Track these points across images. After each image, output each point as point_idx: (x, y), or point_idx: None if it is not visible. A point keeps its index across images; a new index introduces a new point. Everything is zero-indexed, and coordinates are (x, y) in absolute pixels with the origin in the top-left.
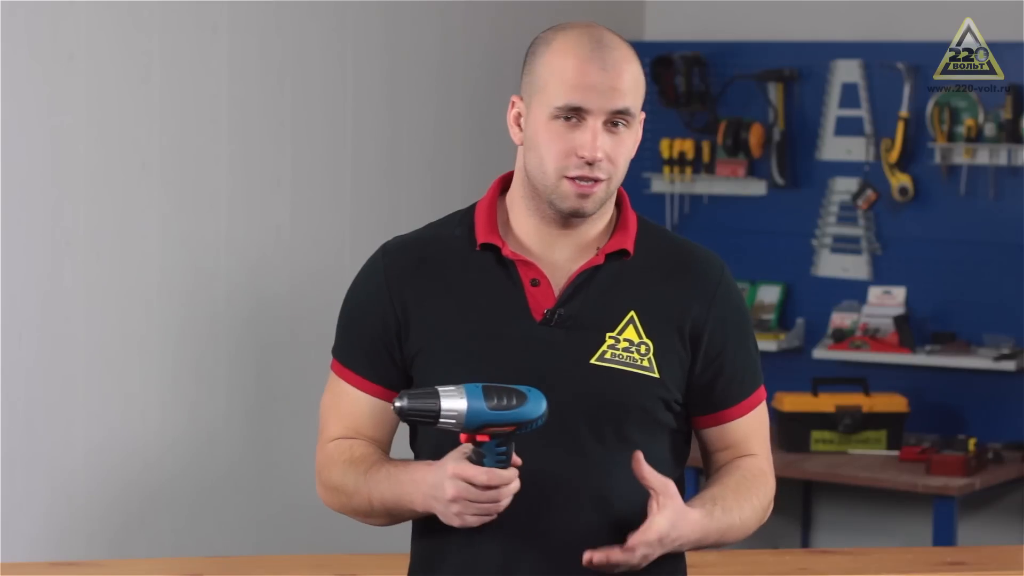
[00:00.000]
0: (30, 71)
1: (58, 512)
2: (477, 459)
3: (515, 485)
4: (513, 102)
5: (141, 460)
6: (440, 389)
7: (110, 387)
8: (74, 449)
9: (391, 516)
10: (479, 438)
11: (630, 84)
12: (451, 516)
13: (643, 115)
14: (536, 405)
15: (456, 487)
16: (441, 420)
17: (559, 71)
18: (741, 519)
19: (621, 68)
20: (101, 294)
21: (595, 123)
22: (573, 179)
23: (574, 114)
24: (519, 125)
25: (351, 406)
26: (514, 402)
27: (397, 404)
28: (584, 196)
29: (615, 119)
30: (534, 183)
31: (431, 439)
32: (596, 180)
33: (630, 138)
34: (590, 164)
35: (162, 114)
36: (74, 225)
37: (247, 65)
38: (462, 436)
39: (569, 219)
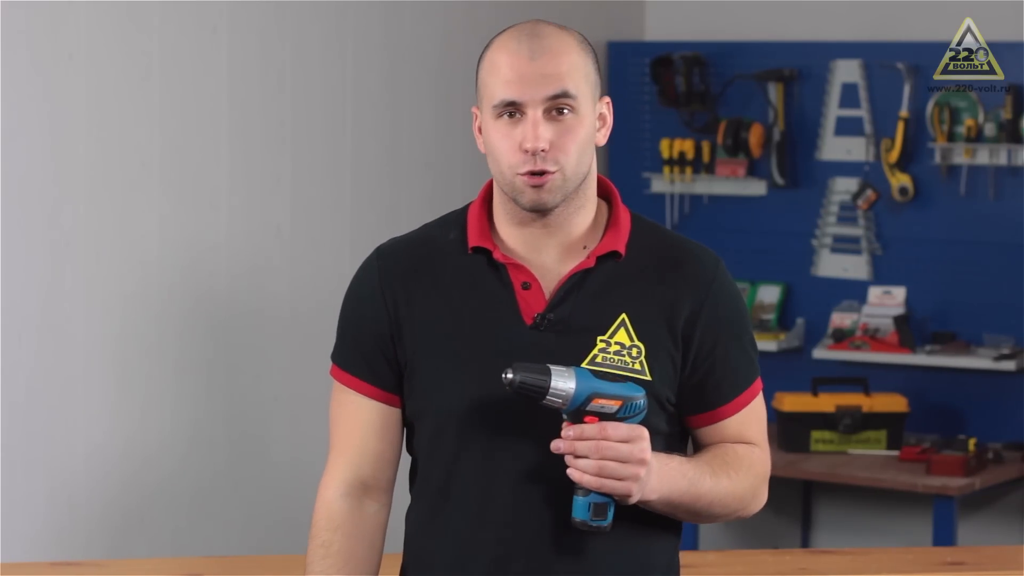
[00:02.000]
0: (30, 71)
1: (58, 512)
2: None
3: None
4: (475, 114)
5: (140, 460)
6: (552, 367)
7: (110, 387)
8: (74, 449)
9: None
10: (587, 420)
11: (566, 68)
12: None
13: (606, 99)
14: (637, 389)
15: None
16: (548, 397)
17: (494, 70)
18: (714, 482)
19: (554, 54)
20: (101, 294)
21: (534, 113)
22: (525, 175)
23: (513, 109)
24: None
25: (356, 414)
26: (619, 381)
27: (508, 376)
28: (538, 187)
29: (556, 106)
30: (500, 187)
31: (427, 441)
32: (545, 172)
33: (579, 124)
34: (534, 155)
35: (162, 114)
36: (74, 225)
37: (247, 65)
38: (566, 424)
39: (540, 215)
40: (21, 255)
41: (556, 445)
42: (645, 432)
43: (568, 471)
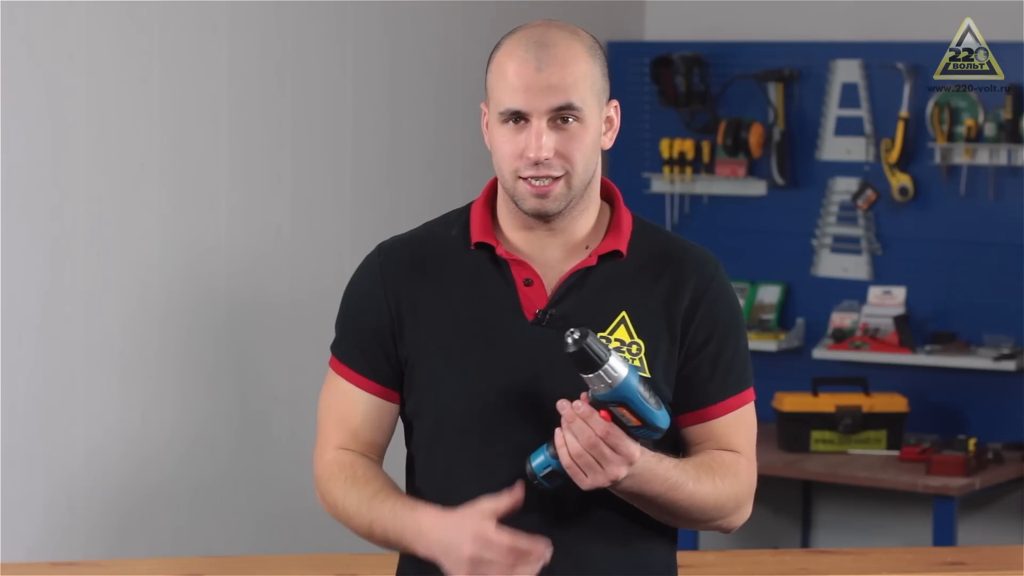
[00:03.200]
0: (30, 71)
1: (58, 512)
2: None
3: (543, 554)
4: (483, 110)
5: (140, 460)
6: (614, 350)
7: (110, 387)
8: (74, 449)
9: (390, 546)
10: (601, 414)
11: (572, 80)
12: (462, 572)
13: (614, 103)
14: (666, 418)
15: (475, 549)
16: (603, 370)
17: (501, 75)
18: (696, 487)
19: (561, 64)
20: (101, 294)
21: (538, 123)
22: (527, 179)
23: (518, 116)
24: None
25: (349, 406)
26: (656, 401)
27: (575, 336)
28: (542, 196)
29: (561, 115)
30: (503, 186)
31: (426, 437)
32: (550, 178)
33: (584, 132)
34: (537, 164)
35: (162, 114)
36: (74, 225)
37: (247, 65)
38: (583, 398)
39: (541, 219)
40: (21, 255)
41: (562, 405)
42: (638, 457)
43: (556, 431)
